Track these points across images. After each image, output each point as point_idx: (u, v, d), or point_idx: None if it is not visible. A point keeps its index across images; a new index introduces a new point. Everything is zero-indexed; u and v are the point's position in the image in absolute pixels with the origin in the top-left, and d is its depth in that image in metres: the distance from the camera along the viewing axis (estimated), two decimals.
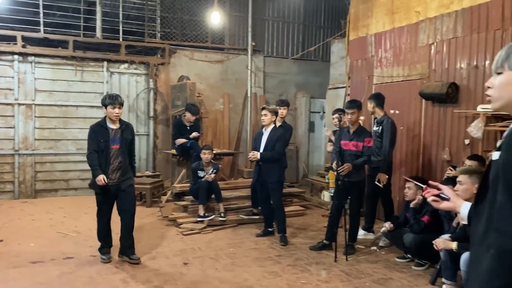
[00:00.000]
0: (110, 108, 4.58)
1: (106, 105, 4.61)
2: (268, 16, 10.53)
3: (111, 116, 4.61)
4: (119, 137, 4.67)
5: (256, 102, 10.15)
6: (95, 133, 4.63)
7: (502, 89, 1.43)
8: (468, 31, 5.70)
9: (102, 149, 4.59)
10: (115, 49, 8.79)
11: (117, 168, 4.67)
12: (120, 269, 4.57)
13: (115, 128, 4.68)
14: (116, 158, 4.67)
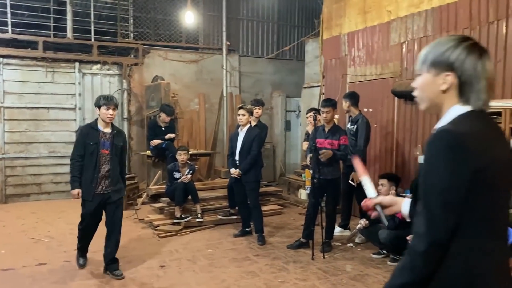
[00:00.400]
0: (104, 109, 4.30)
1: (99, 106, 4.34)
2: (243, 15, 10.52)
3: (104, 117, 4.33)
4: (109, 142, 4.37)
5: (232, 101, 10.13)
6: (84, 135, 4.33)
7: (423, 90, 1.48)
8: (437, 30, 5.82)
9: (91, 152, 4.28)
10: (87, 49, 8.62)
11: (106, 176, 4.34)
12: (95, 275, 4.49)
13: (107, 132, 4.39)
14: (105, 164, 4.34)
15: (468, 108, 1.40)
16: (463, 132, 1.31)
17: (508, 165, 1.38)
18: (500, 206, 1.38)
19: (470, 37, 1.44)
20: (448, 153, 1.29)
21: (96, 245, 4.60)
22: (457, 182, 1.27)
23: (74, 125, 8.52)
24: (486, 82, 1.38)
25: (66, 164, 8.37)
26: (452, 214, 1.29)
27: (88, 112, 8.61)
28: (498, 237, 1.38)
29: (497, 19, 5.09)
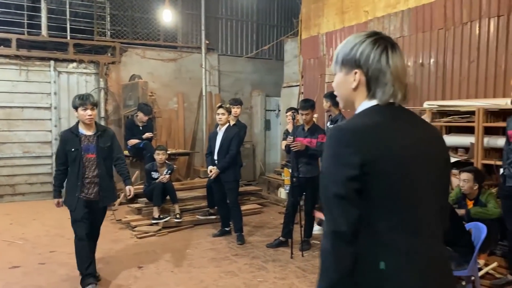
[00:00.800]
0: (81, 110, 3.94)
1: (76, 107, 3.97)
2: (222, 14, 10.47)
3: (83, 119, 3.97)
4: (94, 145, 4.02)
5: (211, 101, 10.08)
6: (64, 142, 4.03)
7: (338, 89, 1.48)
8: (413, 30, 5.92)
9: (73, 159, 3.98)
10: (63, 47, 8.45)
11: (94, 182, 4.03)
12: (71, 276, 4.40)
13: (89, 134, 4.04)
14: (92, 169, 4.03)
15: (374, 102, 1.38)
16: (352, 128, 1.31)
17: (420, 157, 1.34)
18: (414, 199, 1.31)
19: (378, 32, 1.43)
20: (335, 149, 1.30)
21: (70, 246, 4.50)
22: (345, 175, 1.25)
23: (49, 125, 8.35)
24: (392, 75, 1.36)
25: (41, 165, 8.29)
26: (348, 207, 1.26)
27: (64, 112, 8.45)
28: (416, 233, 1.30)
29: (471, 20, 5.20)
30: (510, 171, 3.83)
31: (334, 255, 1.27)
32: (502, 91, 4.86)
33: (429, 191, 1.35)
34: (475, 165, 4.74)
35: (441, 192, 1.43)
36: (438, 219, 1.38)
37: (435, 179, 1.38)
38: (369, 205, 1.27)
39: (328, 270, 1.28)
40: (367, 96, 1.40)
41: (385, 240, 1.28)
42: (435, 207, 1.37)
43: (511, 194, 3.85)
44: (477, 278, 3.76)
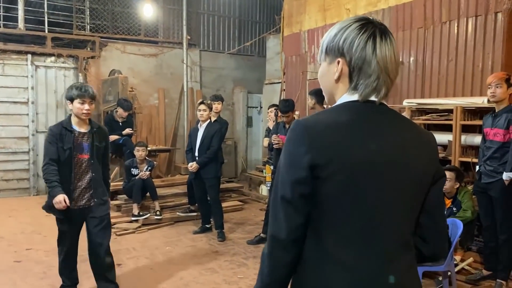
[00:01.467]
0: (79, 102, 3.36)
1: (72, 99, 3.38)
2: (203, 9, 10.40)
3: (79, 114, 3.39)
4: (88, 144, 3.47)
5: (193, 97, 10.01)
6: (55, 137, 3.40)
7: (321, 81, 1.32)
8: (394, 29, 5.97)
9: (65, 159, 3.39)
10: (41, 41, 8.27)
11: (87, 187, 3.47)
12: (48, 274, 4.32)
13: (84, 131, 3.48)
14: (85, 172, 3.47)
15: (354, 97, 1.21)
16: (309, 125, 1.17)
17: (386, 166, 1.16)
18: (369, 212, 1.15)
19: (368, 17, 1.25)
20: (289, 146, 1.18)
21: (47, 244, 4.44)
22: (293, 177, 1.15)
23: (26, 120, 8.18)
24: (378, 66, 1.18)
25: (17, 161, 8.12)
26: (292, 212, 1.15)
27: (41, 107, 8.29)
28: (366, 249, 1.15)
29: (449, 20, 5.28)
30: (486, 168, 3.90)
31: (270, 260, 1.20)
32: (479, 89, 4.95)
33: (392, 206, 1.17)
34: (453, 163, 4.82)
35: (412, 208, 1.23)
36: (402, 237, 1.21)
37: (405, 194, 1.20)
38: (316, 212, 1.16)
39: (262, 273, 1.22)
40: (349, 88, 1.23)
41: (330, 253, 1.16)
42: (398, 223, 1.20)
43: (486, 190, 3.93)
44: (453, 274, 3.83)
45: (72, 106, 3.41)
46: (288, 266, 1.19)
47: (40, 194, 8.28)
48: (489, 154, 3.87)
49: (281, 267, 1.19)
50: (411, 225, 1.24)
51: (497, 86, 3.76)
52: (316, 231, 1.17)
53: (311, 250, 1.18)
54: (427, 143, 1.27)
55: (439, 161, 1.32)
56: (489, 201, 3.92)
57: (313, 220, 1.17)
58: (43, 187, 8.36)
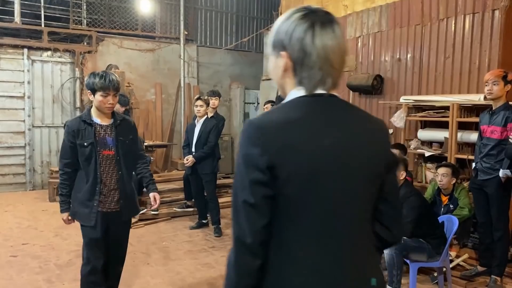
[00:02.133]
0: (101, 95, 2.93)
1: (94, 90, 2.93)
2: (201, 5, 10.36)
3: (101, 107, 2.96)
4: (112, 138, 3.03)
5: (190, 92, 9.99)
6: (73, 134, 2.95)
7: (271, 75, 1.29)
8: (391, 25, 5.97)
9: (86, 156, 2.96)
10: (37, 35, 8.22)
11: (115, 188, 3.04)
12: (44, 269, 4.33)
13: (106, 124, 3.03)
14: (112, 171, 3.03)
15: (301, 92, 1.19)
16: (263, 124, 1.14)
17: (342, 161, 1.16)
18: (329, 209, 1.15)
19: (308, 6, 1.20)
20: (244, 148, 1.14)
21: (43, 239, 4.44)
22: (253, 179, 1.12)
23: (22, 115, 8.15)
24: (319, 57, 1.15)
25: (13, 155, 8.09)
26: (255, 215, 1.12)
27: (38, 101, 8.26)
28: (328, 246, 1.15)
29: (447, 17, 5.28)
30: (482, 166, 3.92)
31: (238, 267, 1.16)
32: (475, 87, 4.96)
33: (351, 199, 1.18)
34: (449, 159, 4.84)
35: (369, 198, 1.24)
36: (363, 228, 1.23)
37: (362, 185, 1.20)
38: (277, 212, 1.14)
39: (231, 281, 1.18)
40: (295, 83, 1.20)
41: (292, 252, 1.14)
42: (358, 216, 1.21)
43: (482, 187, 3.95)
44: (449, 270, 3.86)
45: (93, 98, 2.96)
46: (256, 272, 1.16)
47: (36, 189, 8.26)
48: (485, 151, 3.89)
49: (251, 272, 1.15)
50: (369, 215, 1.25)
51: (494, 83, 3.77)
52: (277, 230, 1.15)
53: (273, 250, 1.16)
54: (379, 132, 1.26)
55: (390, 150, 1.33)
56: (485, 198, 3.94)
57: (274, 220, 1.15)
58: (39, 182, 8.35)
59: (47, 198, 7.29)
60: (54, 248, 4.94)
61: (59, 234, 5.41)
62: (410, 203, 3.64)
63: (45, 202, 7.22)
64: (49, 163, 8.39)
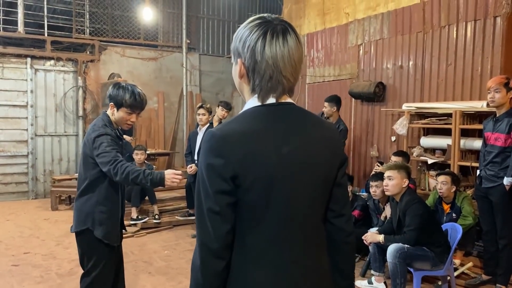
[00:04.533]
0: (126, 112, 2.74)
1: (120, 105, 2.72)
2: (203, 13, 10.42)
3: (121, 123, 2.79)
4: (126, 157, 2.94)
5: (192, 100, 10.01)
6: (115, 140, 2.71)
7: (234, 81, 1.33)
8: (393, 33, 5.98)
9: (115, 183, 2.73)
10: (40, 44, 8.28)
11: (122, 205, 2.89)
12: (46, 278, 4.30)
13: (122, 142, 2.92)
14: (122, 187, 2.87)
15: (256, 101, 1.23)
16: (225, 135, 1.18)
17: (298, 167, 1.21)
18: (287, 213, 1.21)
19: (264, 16, 1.24)
20: (208, 158, 1.18)
21: (44, 248, 4.41)
22: (218, 189, 1.16)
23: (25, 123, 8.17)
24: (269, 65, 1.18)
25: (16, 164, 8.10)
26: (220, 222, 1.18)
27: (40, 110, 8.29)
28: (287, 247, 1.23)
29: (448, 24, 5.28)
30: (486, 173, 3.89)
31: (205, 271, 1.20)
32: (478, 93, 4.95)
33: (307, 204, 1.25)
34: (452, 167, 4.81)
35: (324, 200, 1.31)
36: (317, 230, 1.30)
37: (317, 189, 1.26)
38: (240, 217, 1.20)
39: (198, 285, 1.22)
40: (249, 89, 1.25)
41: (253, 253, 1.21)
42: (314, 218, 1.28)
43: (486, 195, 3.91)
44: (453, 278, 3.81)
45: (115, 112, 2.74)
46: (222, 275, 1.21)
47: (38, 197, 8.27)
48: (489, 158, 3.86)
49: (217, 276, 1.21)
50: (322, 214, 1.32)
51: (496, 91, 3.75)
52: (239, 234, 1.21)
53: (237, 251, 1.22)
54: (331, 138, 1.32)
55: (343, 151, 1.40)
56: (490, 206, 3.90)
57: (237, 224, 1.21)
58: (41, 190, 8.34)
59: (49, 207, 7.29)
60: (56, 257, 4.92)
61: (61, 243, 5.39)
62: (413, 211, 3.61)
63: (47, 211, 7.21)
64: (51, 171, 8.40)
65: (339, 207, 1.35)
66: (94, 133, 2.68)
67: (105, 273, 2.77)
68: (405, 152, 5.22)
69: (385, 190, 3.89)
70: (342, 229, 1.36)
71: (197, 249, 1.22)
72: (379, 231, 4.04)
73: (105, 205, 2.72)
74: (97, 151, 2.62)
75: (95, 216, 2.69)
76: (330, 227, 1.35)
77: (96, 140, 2.63)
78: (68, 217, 6.78)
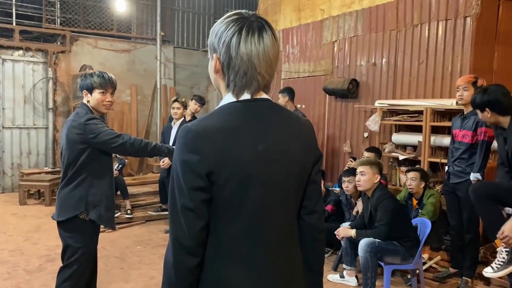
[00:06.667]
0: (100, 92, 2.80)
1: (92, 89, 2.79)
2: (178, 6, 10.28)
3: (99, 106, 2.82)
4: None
5: (166, 94, 9.89)
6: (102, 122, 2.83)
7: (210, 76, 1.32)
8: (367, 30, 6.05)
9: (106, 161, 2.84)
10: (8, 34, 8.00)
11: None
12: (13, 275, 4.19)
13: None
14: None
15: (231, 97, 1.24)
16: (201, 131, 1.17)
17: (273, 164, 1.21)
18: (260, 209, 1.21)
19: (240, 12, 1.24)
20: (182, 153, 1.17)
21: (11, 244, 4.28)
22: (192, 186, 1.16)
23: None
24: (243, 62, 1.19)
25: None
26: (194, 218, 1.17)
27: (8, 101, 8.03)
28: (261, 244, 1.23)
29: (421, 23, 5.38)
30: (454, 169, 4.00)
31: (178, 267, 1.20)
32: (448, 91, 5.07)
33: (281, 200, 1.25)
34: (422, 163, 4.92)
35: (298, 197, 1.31)
36: (292, 226, 1.31)
37: (292, 185, 1.27)
38: (214, 214, 1.20)
39: (171, 283, 1.22)
40: (225, 85, 1.25)
41: (228, 249, 1.21)
42: (288, 214, 1.29)
43: (454, 190, 4.02)
44: (422, 272, 3.92)
45: (90, 97, 2.80)
46: (195, 272, 1.22)
47: (5, 191, 8.03)
48: (457, 155, 3.97)
49: (190, 273, 1.21)
50: (296, 211, 1.33)
51: (465, 89, 3.85)
52: (213, 230, 1.21)
53: (211, 248, 1.22)
54: (307, 134, 1.33)
55: (318, 148, 1.40)
56: (457, 201, 4.02)
57: (211, 221, 1.21)
58: (8, 184, 8.11)
59: (17, 202, 7.09)
60: (24, 253, 4.80)
61: (29, 239, 5.26)
62: (385, 206, 3.69)
63: (15, 205, 7.01)
64: (19, 165, 8.17)
65: (311, 203, 1.36)
66: (81, 118, 2.71)
67: (85, 267, 2.82)
68: (377, 148, 5.31)
69: (357, 185, 3.96)
70: (313, 225, 1.37)
71: (170, 245, 1.21)
72: (351, 225, 4.11)
73: (98, 187, 2.76)
74: (94, 133, 2.67)
75: (89, 199, 2.72)
76: (302, 223, 1.37)
77: (88, 124, 2.68)
78: (38, 212, 6.62)
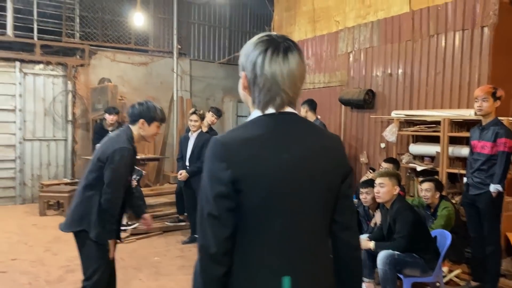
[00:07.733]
0: (157, 126, 3.04)
1: (152, 120, 3.00)
2: (194, 19, 10.43)
3: (148, 137, 3.05)
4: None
5: (182, 106, 10.00)
6: (131, 160, 2.98)
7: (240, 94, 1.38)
8: (383, 41, 6.05)
9: (125, 182, 3.04)
10: (29, 48, 8.21)
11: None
12: (34, 285, 4.25)
13: None
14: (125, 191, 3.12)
15: (258, 112, 1.30)
16: (227, 141, 1.24)
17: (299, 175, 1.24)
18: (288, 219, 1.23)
19: (269, 33, 1.31)
20: (210, 163, 1.24)
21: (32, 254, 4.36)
22: (217, 193, 1.20)
23: (13, 128, 8.08)
24: (267, 79, 1.25)
25: (4, 169, 8.00)
26: (219, 226, 1.21)
27: (29, 114, 8.21)
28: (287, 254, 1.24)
29: (437, 33, 5.37)
30: (473, 180, 3.95)
31: (204, 276, 1.23)
32: (466, 102, 5.03)
33: (308, 210, 1.26)
34: (441, 174, 4.87)
35: (326, 209, 1.31)
36: (320, 237, 1.31)
37: (318, 196, 1.28)
38: (241, 224, 1.23)
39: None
40: (252, 100, 1.32)
41: (254, 261, 1.23)
42: (315, 225, 1.30)
43: (473, 202, 3.97)
44: (442, 285, 3.86)
45: (146, 127, 2.98)
46: (223, 277, 1.23)
47: (26, 202, 8.17)
48: (476, 166, 3.92)
49: (217, 281, 1.23)
50: (326, 224, 1.33)
51: (484, 100, 3.82)
52: (242, 240, 1.24)
53: (238, 256, 1.24)
54: (333, 148, 1.35)
55: (347, 162, 1.41)
56: (477, 213, 3.97)
57: (239, 230, 1.23)
58: (29, 195, 8.25)
59: (37, 212, 7.21)
60: (44, 263, 4.87)
61: (49, 249, 5.34)
62: (404, 218, 3.65)
63: (35, 216, 7.13)
64: (40, 176, 8.31)
65: (345, 219, 1.36)
66: (117, 144, 2.89)
67: (104, 278, 2.98)
68: (396, 159, 5.28)
69: (377, 197, 3.93)
70: (349, 243, 1.36)
71: (198, 254, 1.25)
72: (369, 237, 4.07)
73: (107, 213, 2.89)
74: (111, 163, 2.83)
75: (91, 218, 2.86)
76: (336, 240, 1.35)
77: (116, 152, 2.84)
78: (57, 223, 6.66)
